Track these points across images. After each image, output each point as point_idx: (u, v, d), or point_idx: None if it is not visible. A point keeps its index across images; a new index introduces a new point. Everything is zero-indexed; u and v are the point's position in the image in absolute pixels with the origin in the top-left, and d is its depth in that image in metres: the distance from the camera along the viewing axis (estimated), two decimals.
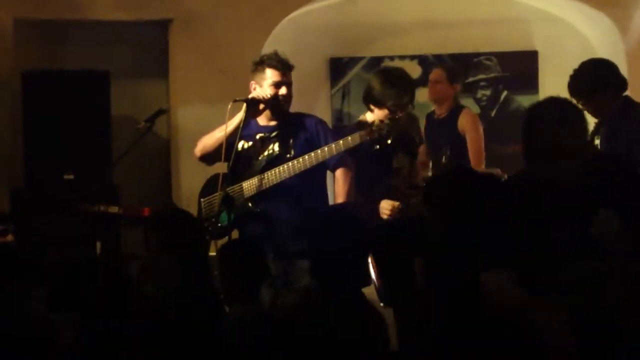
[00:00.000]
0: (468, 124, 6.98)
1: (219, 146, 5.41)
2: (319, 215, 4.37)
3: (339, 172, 5.43)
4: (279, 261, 5.34)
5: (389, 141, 5.22)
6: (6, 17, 7.36)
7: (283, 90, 5.41)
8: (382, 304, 4.57)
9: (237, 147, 5.40)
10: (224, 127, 5.39)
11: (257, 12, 7.62)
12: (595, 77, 5.51)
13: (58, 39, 7.73)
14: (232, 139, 5.38)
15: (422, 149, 7.12)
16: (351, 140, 5.22)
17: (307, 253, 5.08)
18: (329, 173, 5.59)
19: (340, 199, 5.41)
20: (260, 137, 5.49)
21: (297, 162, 5.29)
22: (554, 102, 4.11)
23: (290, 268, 5.36)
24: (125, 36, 7.74)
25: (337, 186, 5.44)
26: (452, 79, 7.06)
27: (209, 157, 5.58)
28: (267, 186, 5.36)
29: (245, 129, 5.43)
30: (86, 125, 7.16)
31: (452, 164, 6.77)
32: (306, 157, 5.28)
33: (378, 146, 5.30)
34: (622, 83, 5.54)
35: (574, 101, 4.05)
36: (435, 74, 7.13)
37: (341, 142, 5.24)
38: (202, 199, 5.61)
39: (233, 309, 4.27)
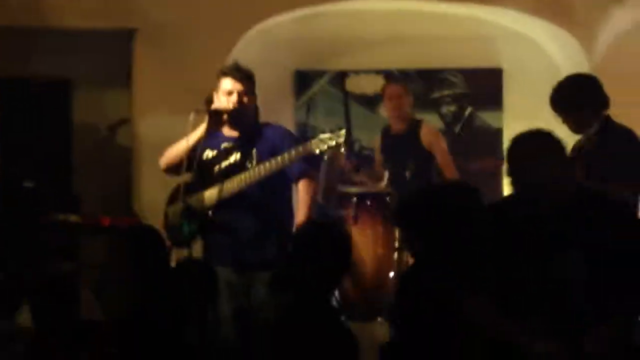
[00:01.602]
0: (434, 139, 6.99)
1: (182, 158, 5.37)
2: (286, 230, 4.35)
3: (301, 184, 5.38)
4: (239, 273, 5.30)
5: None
6: None
7: (233, 98, 5.36)
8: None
9: (202, 157, 5.36)
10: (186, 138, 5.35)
11: (222, 24, 7.58)
12: (576, 93, 5.51)
13: (21, 46, 7.66)
14: (195, 150, 5.33)
15: (377, 162, 7.18)
16: (302, 149, 5.14)
17: (268, 265, 5.10)
18: None
19: (301, 211, 5.34)
20: (225, 147, 5.44)
21: (253, 171, 5.24)
22: (536, 135, 3.96)
23: (250, 280, 5.31)
24: (89, 45, 7.68)
25: (300, 198, 5.40)
26: (409, 91, 7.08)
27: (173, 169, 5.53)
28: (226, 196, 5.30)
29: (211, 139, 5.38)
30: (47, 133, 7.09)
31: (418, 179, 6.78)
32: (261, 166, 5.22)
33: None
34: (603, 101, 5.52)
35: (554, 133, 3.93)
36: (397, 89, 7.09)
37: (292, 151, 5.16)
38: (168, 208, 5.56)
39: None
